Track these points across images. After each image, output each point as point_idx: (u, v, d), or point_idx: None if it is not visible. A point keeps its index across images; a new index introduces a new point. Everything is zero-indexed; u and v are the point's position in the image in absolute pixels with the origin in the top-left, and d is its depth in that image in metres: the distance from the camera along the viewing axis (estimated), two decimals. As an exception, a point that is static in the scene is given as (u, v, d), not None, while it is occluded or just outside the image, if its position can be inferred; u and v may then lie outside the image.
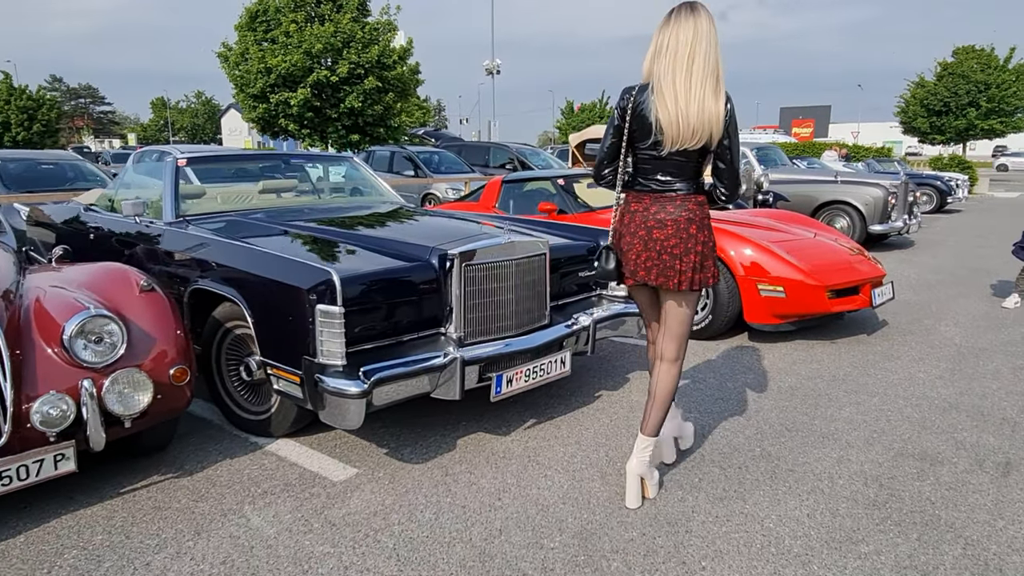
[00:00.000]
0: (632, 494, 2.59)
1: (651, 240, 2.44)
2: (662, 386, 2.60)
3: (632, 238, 2.49)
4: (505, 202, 6.41)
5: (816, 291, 4.50)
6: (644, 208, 2.47)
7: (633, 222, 2.49)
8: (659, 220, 2.43)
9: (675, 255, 2.42)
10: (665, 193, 2.44)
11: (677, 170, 2.43)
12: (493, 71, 39.21)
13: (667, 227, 2.42)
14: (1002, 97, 29.81)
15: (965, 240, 10.58)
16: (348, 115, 12.29)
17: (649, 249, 2.45)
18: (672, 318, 2.57)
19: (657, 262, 2.44)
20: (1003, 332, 5.09)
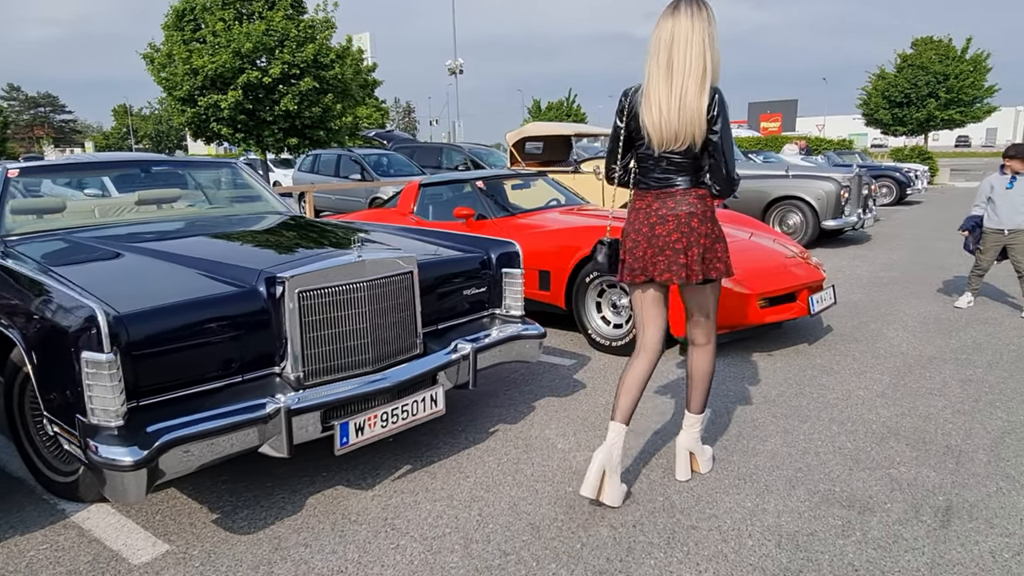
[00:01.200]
0: (682, 466, 2.75)
1: (654, 236, 2.46)
2: (698, 368, 2.71)
3: (637, 236, 2.51)
4: (423, 207, 5.90)
5: (747, 300, 4.05)
6: (647, 205, 2.49)
7: (638, 219, 2.52)
8: (661, 216, 2.45)
9: (678, 250, 2.43)
10: (666, 189, 2.46)
11: (676, 167, 2.43)
12: (456, 71, 38.72)
13: (669, 222, 2.44)
14: (960, 88, 29.92)
15: (922, 233, 10.29)
16: (284, 118, 11.68)
17: (653, 246, 2.46)
18: (696, 308, 2.63)
19: (661, 258, 2.45)
20: (953, 337, 4.68)
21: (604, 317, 4.59)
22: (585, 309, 4.59)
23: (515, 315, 3.36)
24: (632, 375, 2.58)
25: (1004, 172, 5.29)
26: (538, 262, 4.81)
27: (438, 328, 3.11)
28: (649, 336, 2.61)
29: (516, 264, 3.35)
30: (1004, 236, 5.29)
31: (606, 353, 4.50)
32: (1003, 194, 5.27)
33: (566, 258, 4.62)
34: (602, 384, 3.91)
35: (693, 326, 2.68)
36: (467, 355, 2.92)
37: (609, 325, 4.56)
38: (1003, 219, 5.28)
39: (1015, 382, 3.76)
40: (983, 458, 2.87)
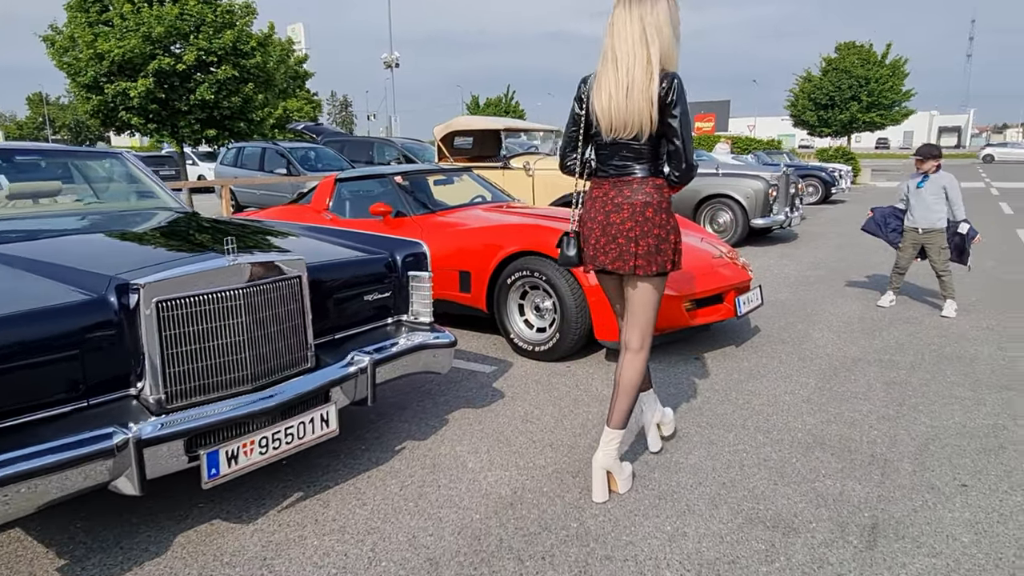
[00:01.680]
0: (598, 487, 2.53)
1: (608, 224, 2.42)
2: (626, 376, 2.54)
3: (592, 223, 2.48)
4: (340, 204, 5.54)
5: (673, 302, 3.89)
6: (603, 193, 2.45)
7: (593, 207, 2.48)
8: (616, 204, 2.41)
9: (630, 238, 2.38)
10: (623, 177, 2.41)
11: (634, 154, 2.39)
12: (392, 64, 38.00)
13: (623, 211, 2.39)
14: (880, 91, 31.19)
15: (846, 231, 10.51)
16: (201, 108, 11.01)
17: (607, 234, 2.42)
18: (635, 305, 2.51)
19: (613, 246, 2.41)
20: (877, 337, 4.66)
21: (527, 320, 4.36)
22: (507, 312, 4.35)
23: (423, 322, 3.08)
24: (623, 376, 2.55)
25: (917, 172, 5.34)
26: (458, 262, 4.55)
27: (335, 338, 2.80)
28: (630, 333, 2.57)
29: (424, 266, 3.07)
30: (919, 235, 5.33)
31: (529, 358, 4.27)
32: (915, 193, 5.32)
33: (487, 258, 4.37)
34: (521, 393, 3.68)
35: (629, 327, 2.55)
36: (364, 368, 2.63)
37: (532, 329, 4.33)
38: (917, 218, 5.32)
39: (937, 384, 3.72)
40: (908, 468, 2.77)
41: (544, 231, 4.18)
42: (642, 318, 2.51)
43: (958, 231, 5.21)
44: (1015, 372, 3.89)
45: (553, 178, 7.50)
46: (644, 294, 2.48)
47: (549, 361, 4.20)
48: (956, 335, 4.67)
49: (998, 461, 2.82)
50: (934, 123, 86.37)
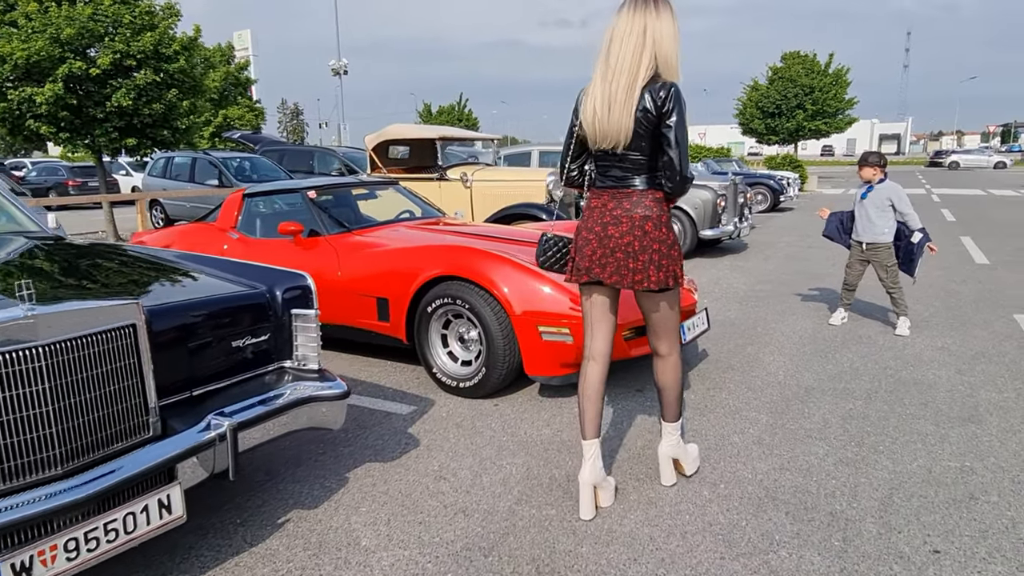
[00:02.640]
0: (667, 472, 2.72)
1: (606, 237, 2.38)
2: (667, 377, 2.61)
3: (588, 234, 2.42)
4: (249, 221, 5.00)
5: (610, 332, 3.47)
6: (602, 204, 2.41)
7: (591, 218, 2.43)
8: (615, 217, 2.37)
9: (629, 253, 2.35)
10: (622, 189, 2.38)
11: (633, 165, 2.36)
12: (340, 71, 37.22)
13: (622, 224, 2.36)
14: (824, 100, 31.81)
15: (795, 240, 10.36)
16: (119, 115, 10.26)
17: (604, 246, 2.38)
18: (653, 317, 2.52)
19: (611, 260, 2.37)
20: (830, 360, 4.34)
21: (451, 352, 3.90)
22: (428, 343, 3.89)
23: (311, 369, 2.59)
24: (588, 385, 2.52)
25: (862, 182, 5.07)
26: (375, 287, 4.07)
27: (193, 395, 2.30)
28: (597, 344, 2.53)
29: (309, 302, 2.59)
30: (863, 251, 5.07)
31: (453, 395, 3.81)
32: (858, 205, 5.05)
33: (405, 283, 3.90)
34: (439, 440, 3.22)
35: (654, 337, 2.58)
36: (224, 435, 2.13)
37: (457, 362, 3.88)
38: (859, 231, 5.06)
39: (896, 417, 3.39)
40: (872, 529, 2.40)
41: (466, 253, 3.74)
42: (663, 328, 2.54)
43: (910, 239, 4.95)
44: (976, 401, 3.60)
45: (493, 190, 7.08)
46: (660, 308, 2.50)
47: (475, 398, 3.75)
48: (912, 356, 4.39)
49: (970, 516, 2.47)
50: (875, 131, 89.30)
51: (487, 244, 4.16)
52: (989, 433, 3.19)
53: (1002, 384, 3.84)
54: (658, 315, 2.51)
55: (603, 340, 2.53)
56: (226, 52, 24.74)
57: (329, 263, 4.30)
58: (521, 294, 3.55)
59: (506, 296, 3.55)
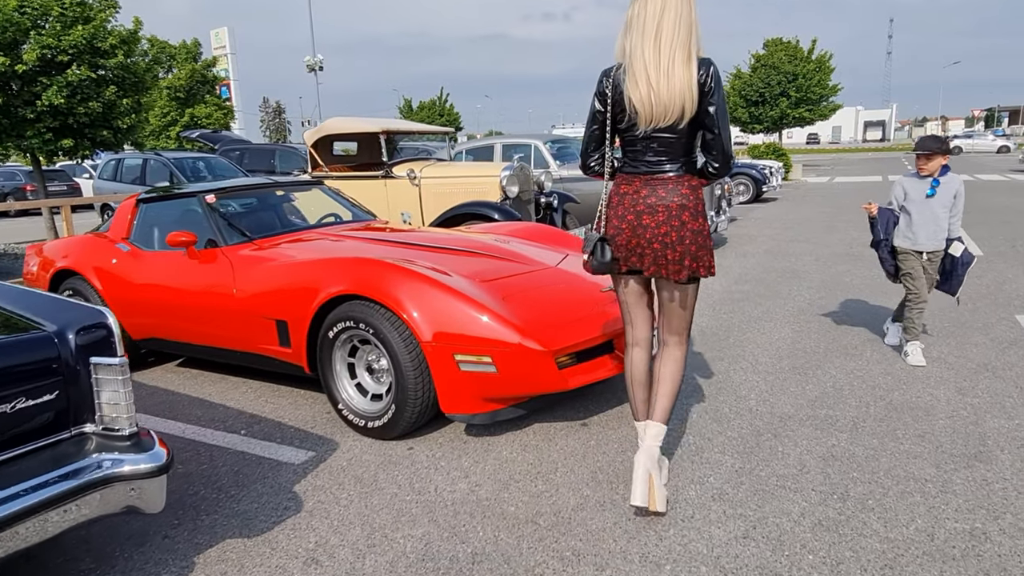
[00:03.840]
0: (639, 490, 2.33)
1: (640, 227, 2.29)
2: (667, 371, 2.46)
3: (620, 222, 2.34)
4: (144, 231, 4.34)
5: (539, 360, 2.86)
6: (635, 191, 2.32)
7: (622, 205, 2.34)
8: (649, 205, 2.28)
9: (666, 244, 2.27)
10: (656, 175, 2.29)
11: (666, 149, 2.27)
12: (315, 67, 36.41)
13: (658, 213, 2.27)
14: (808, 86, 31.30)
15: (777, 233, 9.79)
16: (52, 115, 9.54)
17: (638, 236, 2.30)
18: (672, 308, 2.42)
19: (648, 251, 2.30)
20: (810, 380, 3.75)
21: (360, 384, 3.28)
22: (333, 374, 3.26)
23: (120, 433, 1.96)
24: (637, 369, 2.50)
25: (920, 175, 3.93)
26: (274, 308, 3.44)
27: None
28: (639, 331, 2.51)
29: (111, 348, 1.96)
30: (922, 260, 3.96)
31: (362, 435, 3.19)
32: (921, 204, 3.88)
33: (305, 302, 3.27)
34: (328, 502, 2.60)
35: (666, 328, 2.48)
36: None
37: (366, 396, 3.26)
38: (921, 239, 3.90)
39: (888, 456, 2.80)
40: (860, 636, 1.80)
41: (370, 267, 3.12)
42: (679, 320, 2.45)
43: (948, 251, 3.95)
44: (983, 430, 3.01)
45: (443, 188, 6.45)
46: (680, 298, 2.40)
47: (387, 439, 3.14)
48: (904, 372, 3.81)
49: (988, 611, 1.88)
50: (860, 118, 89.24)
51: (412, 253, 3.54)
52: (1002, 476, 2.60)
53: (1011, 407, 3.26)
54: (675, 305, 2.41)
55: (643, 326, 2.51)
56: (192, 49, 23.89)
57: (224, 279, 3.67)
58: (432, 316, 2.92)
59: (414, 319, 2.92)
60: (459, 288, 3.00)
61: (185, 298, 3.81)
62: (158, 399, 3.87)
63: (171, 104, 22.75)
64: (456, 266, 3.36)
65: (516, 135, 9.55)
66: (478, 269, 3.37)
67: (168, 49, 23.46)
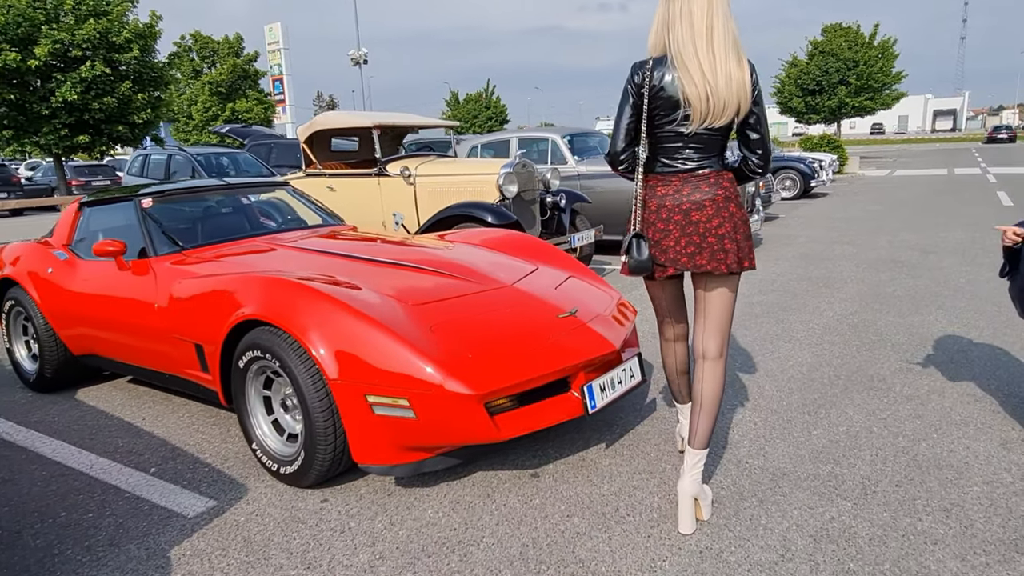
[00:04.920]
0: (686, 517, 2.28)
1: (689, 224, 2.24)
2: (708, 388, 2.34)
3: (667, 224, 2.26)
4: (85, 238, 4.01)
5: (466, 404, 2.37)
6: (675, 191, 2.27)
7: (664, 207, 2.28)
8: (695, 201, 2.24)
9: (720, 236, 2.23)
10: (696, 172, 2.26)
11: (705, 147, 2.24)
12: (359, 60, 36.50)
13: (706, 208, 2.24)
14: (869, 74, 29.62)
15: (818, 234, 8.98)
16: (67, 111, 9.49)
17: (689, 234, 2.24)
18: (714, 308, 2.34)
19: (703, 246, 2.23)
20: (820, 421, 3.14)
21: (277, 422, 2.84)
22: (247, 408, 2.84)
23: None
24: (680, 361, 2.54)
25: None
26: (192, 329, 3.05)
27: None
28: (680, 327, 2.52)
29: None
30: None
31: (277, 479, 2.76)
32: None
33: (216, 325, 2.86)
34: (203, 574, 2.17)
35: (709, 333, 2.36)
36: None
37: (283, 435, 2.82)
38: None
39: (898, 540, 2.20)
40: None
41: (279, 288, 2.67)
42: (723, 322, 2.36)
43: None
44: (1031, 503, 2.37)
45: (439, 186, 5.98)
46: (724, 295, 2.33)
47: (301, 488, 2.70)
48: (938, 415, 3.16)
49: None
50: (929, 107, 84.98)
51: (340, 269, 3.09)
52: (1050, 579, 1.98)
53: (1071, 469, 2.60)
54: (721, 302, 2.33)
55: (684, 321, 2.53)
56: (234, 44, 24.08)
57: (148, 293, 3.30)
58: (341, 347, 2.46)
59: (320, 351, 2.47)
60: (376, 314, 2.52)
61: (113, 312, 3.46)
62: (88, 423, 3.53)
63: (212, 99, 22.97)
64: (388, 285, 2.89)
65: (536, 128, 9.00)
66: (414, 289, 2.88)
67: (211, 44, 23.71)
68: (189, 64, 23.68)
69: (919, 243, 7.87)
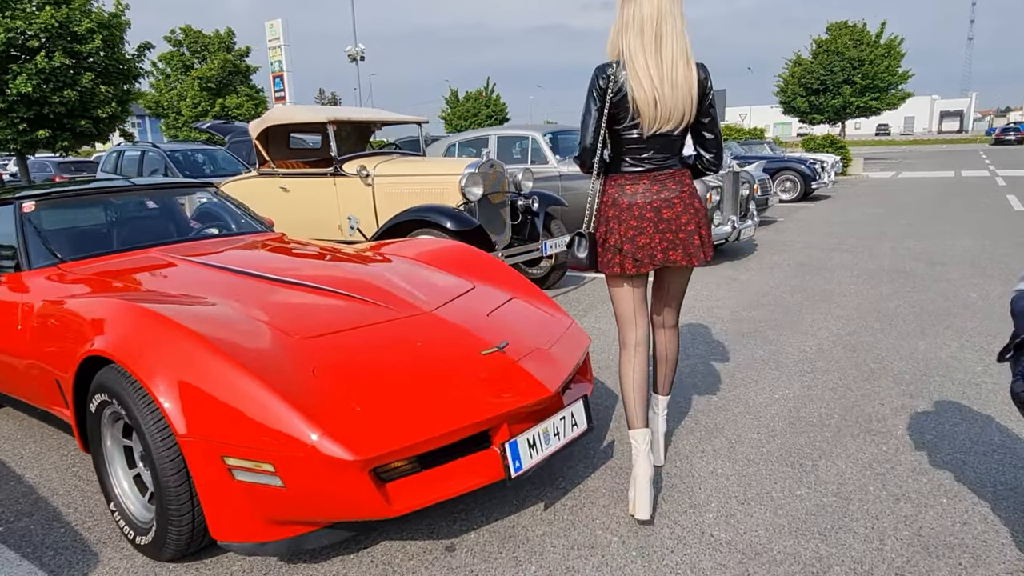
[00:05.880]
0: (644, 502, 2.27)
1: (662, 221, 2.31)
2: (672, 348, 2.61)
3: (641, 222, 2.31)
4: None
5: (345, 472, 1.85)
6: (645, 189, 2.32)
7: (636, 204, 2.31)
8: (665, 199, 2.31)
9: (690, 232, 2.34)
10: (661, 171, 2.32)
11: (669, 145, 2.31)
12: (356, 57, 36.01)
13: (675, 205, 2.32)
14: (875, 73, 29.00)
15: (818, 240, 8.44)
16: (26, 104, 8.99)
17: (662, 231, 2.32)
18: (677, 293, 2.53)
19: (675, 242, 2.33)
20: (806, 478, 2.61)
21: (139, 477, 2.34)
22: (104, 459, 2.34)
23: None
24: (639, 374, 2.42)
25: None
26: (52, 360, 2.55)
27: None
28: (642, 330, 2.45)
29: None
30: None
31: (137, 551, 2.25)
32: None
33: (69, 357, 2.36)
34: None
35: (666, 310, 2.56)
36: None
37: (145, 495, 2.31)
38: None
39: (900, 661, 1.68)
40: None
41: (128, 316, 2.17)
42: (678, 305, 2.56)
43: None
44: (1069, 606, 1.85)
45: (399, 188, 5.46)
46: (685, 282, 2.51)
47: (160, 561, 2.19)
48: (948, 468, 2.63)
49: None
50: (935, 108, 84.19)
51: (221, 287, 2.57)
52: None
53: (1116, 554, 2.07)
54: (679, 291, 2.52)
55: (646, 325, 2.47)
56: (225, 39, 23.58)
57: (13, 313, 2.80)
58: (193, 397, 1.95)
59: (165, 401, 1.96)
60: (242, 353, 2.01)
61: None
62: (-46, 462, 3.02)
63: (202, 95, 22.49)
64: (280, 311, 2.37)
65: (514, 126, 8.48)
66: (309, 317, 2.37)
67: (202, 39, 23.23)
68: (179, 59, 23.18)
69: (925, 251, 7.33)
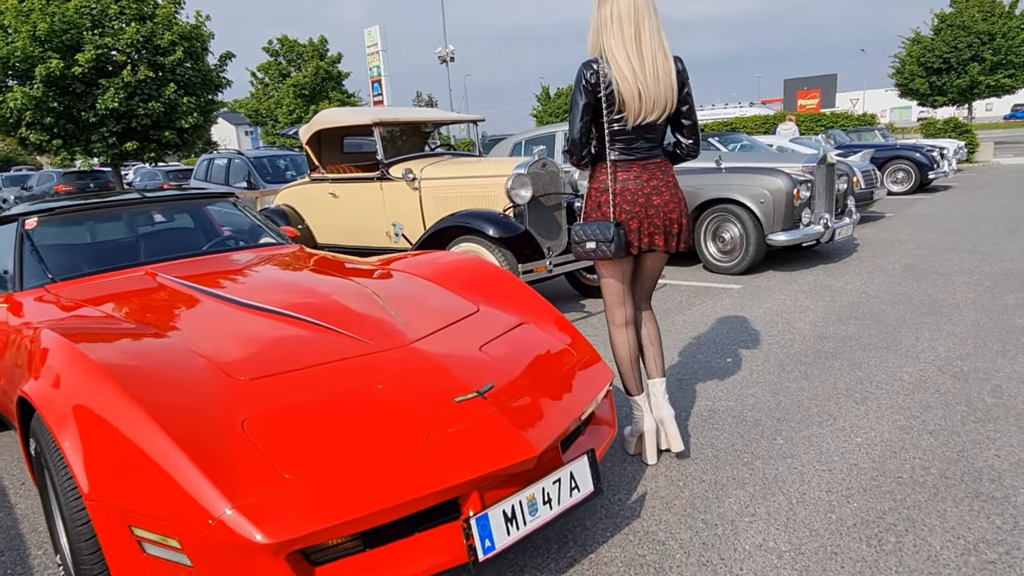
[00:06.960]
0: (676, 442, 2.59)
1: (651, 207, 2.43)
2: (654, 328, 2.69)
3: (633, 207, 2.43)
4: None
5: (259, 555, 1.49)
6: (635, 176, 2.43)
7: (628, 190, 2.43)
8: (654, 187, 2.43)
9: (673, 219, 2.46)
10: (650, 160, 2.44)
11: (655, 136, 2.43)
12: (446, 59, 36.30)
13: (663, 193, 2.44)
14: (1009, 47, 26.09)
15: (932, 238, 7.41)
16: (115, 118, 9.38)
17: (651, 216, 2.43)
18: (653, 278, 2.64)
19: (662, 228, 2.45)
20: (888, 565, 2.02)
21: (83, 529, 2.08)
22: (52, 510, 2.11)
23: None
24: (633, 347, 2.61)
25: None
26: (11, 394, 2.36)
27: None
28: (629, 309, 2.60)
29: None
30: None
31: (73, 616, 2.00)
32: None
33: (13, 395, 2.15)
34: None
35: (644, 295, 2.67)
36: None
37: (86, 550, 2.06)
38: None
39: None
40: None
41: (61, 354, 1.91)
42: (653, 287, 2.68)
43: None
44: None
45: (446, 191, 5.13)
46: (660, 267, 2.62)
47: (93, 634, 1.92)
48: (1090, 557, 1.96)
49: None
50: (1083, 83, 75.44)
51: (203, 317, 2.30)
52: None
53: None
54: (655, 272, 2.63)
55: (632, 307, 2.61)
56: (318, 47, 24.31)
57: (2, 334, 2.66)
58: (98, 452, 1.65)
59: (71, 459, 1.67)
60: (158, 405, 1.69)
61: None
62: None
63: (297, 102, 23.28)
64: (233, 344, 2.06)
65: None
66: (264, 351, 2.04)
67: (296, 48, 24.03)
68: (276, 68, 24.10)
69: (1065, 251, 6.23)
